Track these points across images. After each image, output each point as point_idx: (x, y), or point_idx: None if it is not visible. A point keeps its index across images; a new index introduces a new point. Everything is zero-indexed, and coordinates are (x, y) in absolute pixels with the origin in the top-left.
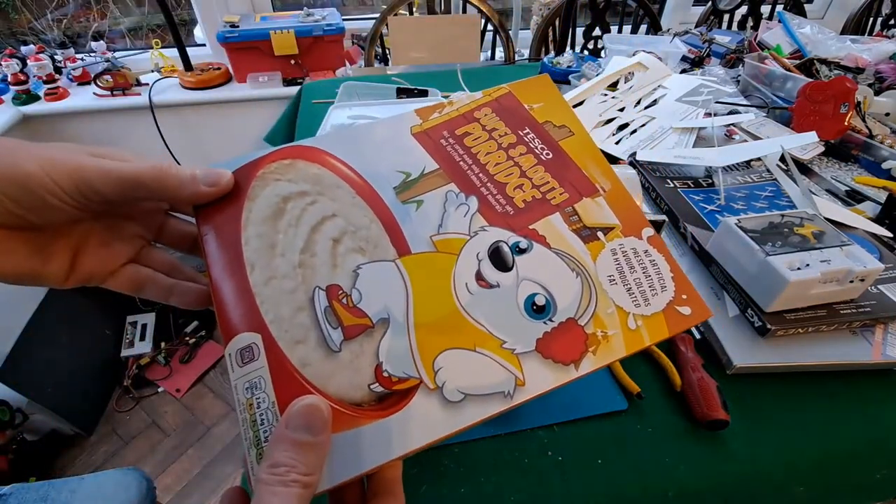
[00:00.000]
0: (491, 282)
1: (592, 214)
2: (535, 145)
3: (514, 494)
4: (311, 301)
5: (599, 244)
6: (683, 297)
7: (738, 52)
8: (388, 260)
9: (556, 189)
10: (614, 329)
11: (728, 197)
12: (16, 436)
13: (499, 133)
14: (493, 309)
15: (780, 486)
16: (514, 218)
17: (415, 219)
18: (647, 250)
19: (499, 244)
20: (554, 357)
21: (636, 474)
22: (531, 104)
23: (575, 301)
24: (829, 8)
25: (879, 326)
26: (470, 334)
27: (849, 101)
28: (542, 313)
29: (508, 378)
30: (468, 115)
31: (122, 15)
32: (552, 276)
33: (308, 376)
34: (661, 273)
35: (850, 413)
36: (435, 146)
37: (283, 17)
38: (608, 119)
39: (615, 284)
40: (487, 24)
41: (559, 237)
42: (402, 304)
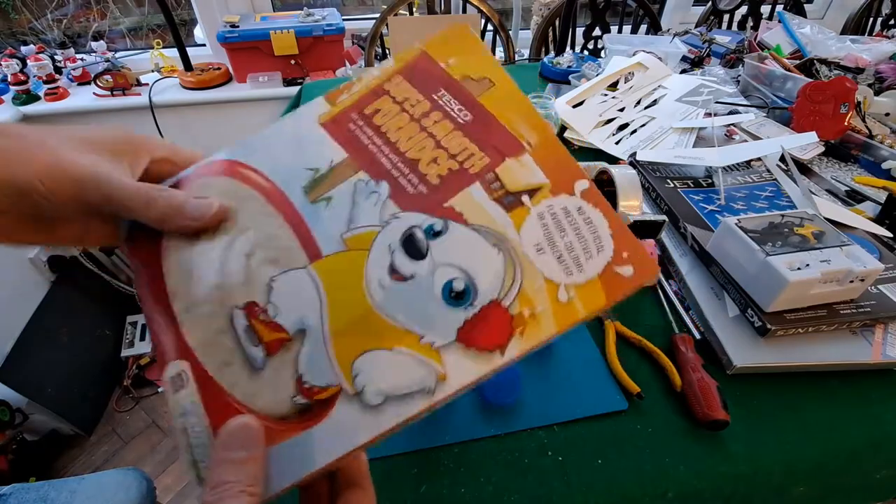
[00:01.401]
0: (405, 274)
1: (516, 176)
2: (451, 108)
3: (514, 494)
4: (231, 322)
5: (524, 210)
6: (624, 255)
7: (738, 52)
8: (300, 267)
9: (475, 155)
10: (542, 305)
11: (728, 197)
12: (16, 436)
13: (410, 102)
14: (408, 303)
15: (780, 486)
16: (427, 198)
17: (325, 218)
18: (581, 207)
19: (412, 231)
20: (477, 345)
21: (636, 474)
22: (447, 60)
23: (497, 280)
24: (829, 8)
25: (879, 326)
26: (386, 333)
27: (849, 101)
28: (461, 299)
29: (428, 374)
30: (377, 89)
31: (122, 15)
32: (471, 256)
33: (237, 397)
34: (596, 231)
35: (850, 413)
36: (343, 133)
37: (283, 17)
38: (608, 119)
39: (542, 253)
40: (487, 24)
41: (478, 210)
42: (317, 311)
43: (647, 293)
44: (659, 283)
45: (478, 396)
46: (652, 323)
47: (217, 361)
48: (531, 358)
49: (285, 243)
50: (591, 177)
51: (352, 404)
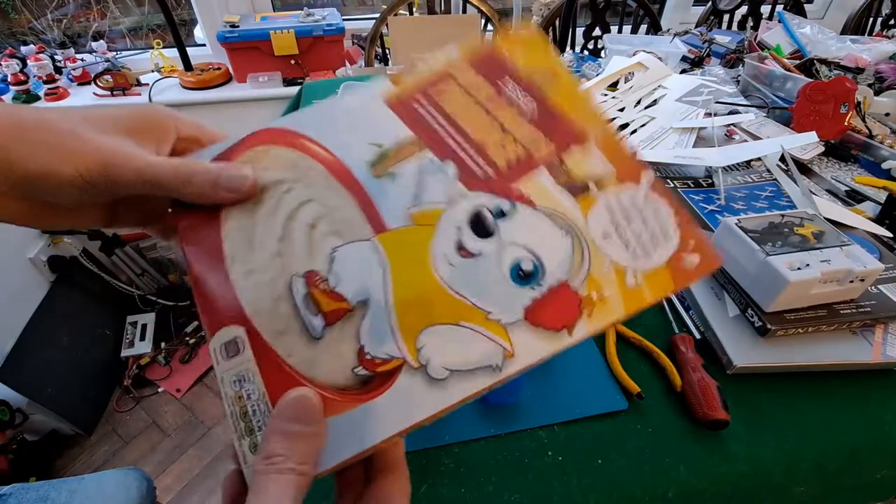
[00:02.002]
0: (473, 251)
1: (583, 164)
2: (515, 95)
3: (514, 494)
4: (290, 289)
5: (590, 197)
6: (690, 243)
7: (738, 52)
8: (364, 239)
9: (541, 141)
10: (610, 289)
11: (728, 197)
12: (16, 436)
13: (476, 87)
14: (476, 279)
15: (780, 486)
16: (495, 180)
17: (390, 193)
18: (648, 197)
19: (479, 210)
20: (545, 324)
21: (636, 474)
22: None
23: (565, 262)
24: (829, 8)
25: (879, 326)
26: (453, 308)
27: (849, 101)
28: (529, 279)
29: (496, 350)
30: (443, 73)
31: (122, 15)
32: (539, 237)
33: (293, 365)
34: (663, 221)
35: (850, 413)
36: (408, 112)
37: (283, 17)
38: (608, 119)
39: (610, 240)
40: (487, 24)
41: (546, 195)
42: (380, 283)
43: None
44: None
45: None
46: (652, 323)
47: (273, 329)
48: None
49: (349, 215)
50: None
51: (415, 377)
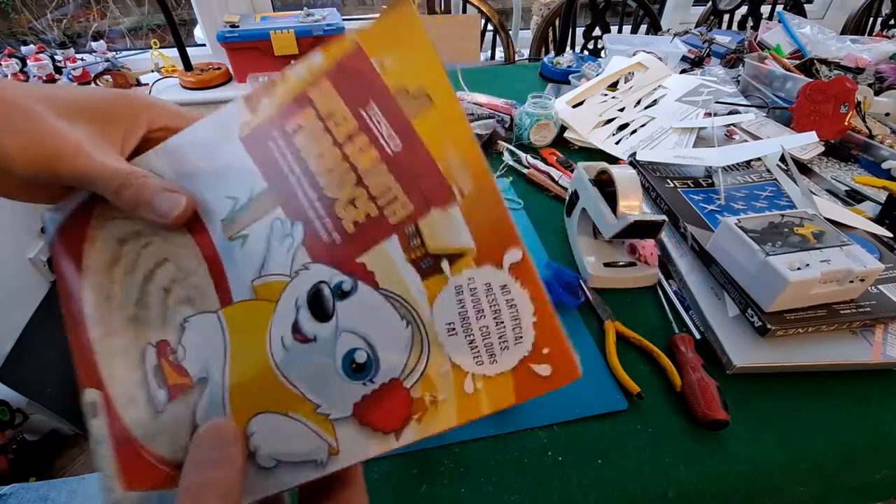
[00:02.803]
0: (308, 335)
1: (440, 233)
2: (380, 130)
3: (514, 494)
4: (143, 357)
5: (441, 279)
6: (544, 351)
7: (738, 52)
8: (211, 311)
9: (398, 200)
10: (445, 393)
11: (728, 197)
12: (16, 436)
13: (336, 119)
14: (308, 368)
15: (780, 486)
16: (340, 248)
17: (239, 259)
18: (506, 285)
19: (319, 287)
20: (373, 425)
21: (636, 474)
22: (383, 57)
23: (402, 358)
24: (829, 8)
25: (879, 326)
26: (282, 397)
27: (849, 101)
28: (362, 373)
29: (320, 446)
30: (301, 96)
31: (122, 15)
32: (378, 326)
33: (137, 435)
34: (518, 318)
35: (850, 413)
36: (263, 154)
37: (283, 17)
38: (608, 119)
39: (454, 335)
40: (487, 24)
41: (391, 272)
42: (220, 362)
43: (647, 293)
44: (659, 283)
45: None
46: (652, 323)
47: (124, 396)
48: None
49: (202, 282)
50: (591, 177)
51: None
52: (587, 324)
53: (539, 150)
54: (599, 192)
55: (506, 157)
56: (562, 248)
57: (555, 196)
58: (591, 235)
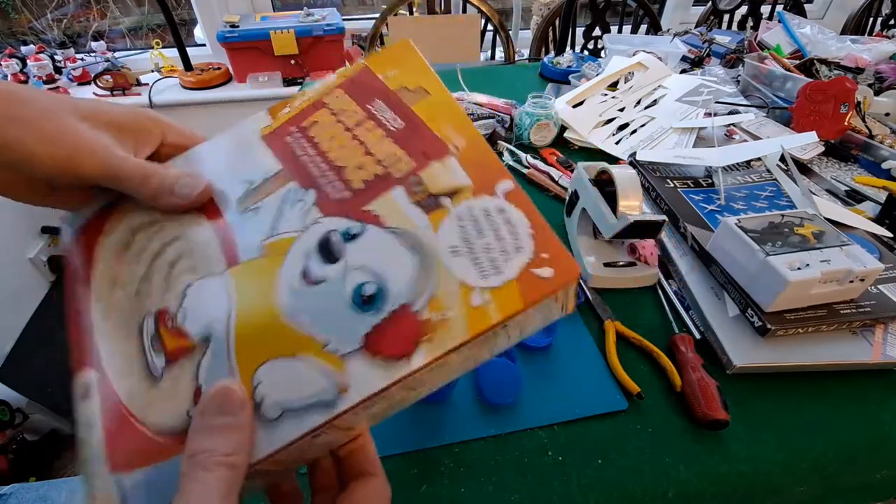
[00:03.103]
0: (317, 278)
1: (439, 179)
2: (384, 117)
3: (514, 494)
4: (140, 329)
5: (443, 212)
6: (544, 255)
7: (738, 52)
8: (216, 273)
9: (402, 160)
10: (454, 310)
11: (728, 197)
12: (16, 436)
13: (347, 114)
14: (317, 308)
15: (780, 486)
16: (349, 202)
17: (249, 226)
18: (502, 207)
19: (329, 234)
20: (383, 353)
21: (636, 474)
22: (386, 73)
23: (409, 284)
24: (829, 8)
25: (879, 326)
26: (290, 340)
27: (849, 101)
28: (371, 304)
29: (329, 385)
30: (317, 102)
31: (122, 15)
32: (385, 259)
33: (132, 408)
34: (516, 232)
35: (850, 413)
36: (281, 145)
37: (283, 17)
38: (608, 119)
39: (458, 256)
40: (487, 24)
41: (397, 213)
42: (224, 318)
43: (647, 293)
44: (659, 283)
45: (478, 396)
46: (652, 323)
47: (120, 369)
48: (531, 358)
49: (210, 251)
50: (591, 177)
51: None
52: (587, 324)
53: (539, 150)
54: (599, 192)
55: (506, 157)
56: None
57: (555, 196)
58: (591, 235)
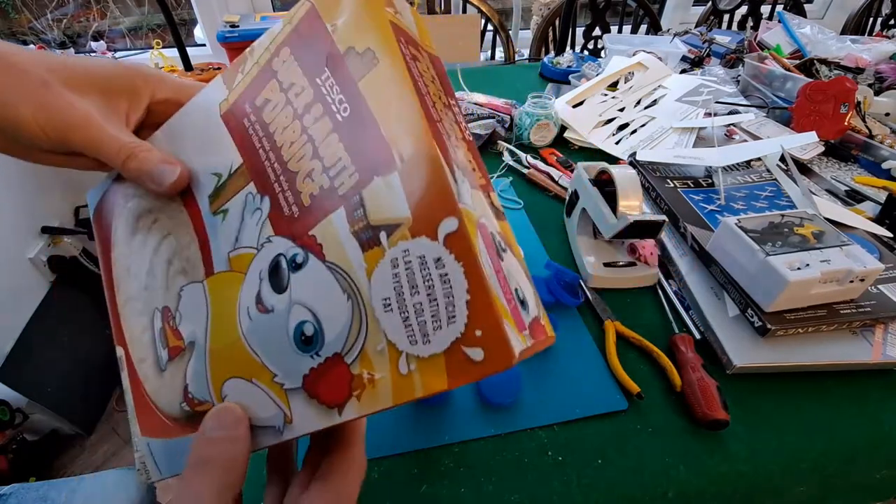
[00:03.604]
0: (267, 306)
1: (380, 204)
2: (332, 98)
3: (514, 494)
4: (152, 321)
5: (379, 251)
6: (477, 333)
7: (738, 52)
8: (198, 281)
9: (346, 170)
10: (382, 372)
11: (728, 197)
12: (16, 436)
13: (295, 90)
14: (267, 338)
15: (780, 486)
16: (297, 221)
17: (220, 233)
18: (440, 258)
19: (278, 259)
20: (318, 397)
21: (636, 474)
22: (335, 19)
23: (343, 332)
24: (829, 8)
25: (879, 326)
26: (248, 364)
27: (849, 101)
28: (310, 345)
29: (278, 413)
30: (267, 68)
31: (122, 15)
32: (323, 299)
33: (147, 390)
34: (451, 295)
35: (850, 413)
36: (239, 130)
37: (283, 17)
38: (608, 119)
39: (390, 312)
40: (487, 24)
41: (336, 245)
42: (203, 327)
43: (647, 293)
44: (659, 283)
45: (478, 396)
46: (652, 323)
47: (139, 355)
48: (531, 357)
49: (193, 255)
50: (591, 177)
51: None
52: (587, 324)
53: (539, 150)
54: (599, 192)
55: (506, 157)
56: (562, 248)
57: (555, 196)
58: (591, 235)
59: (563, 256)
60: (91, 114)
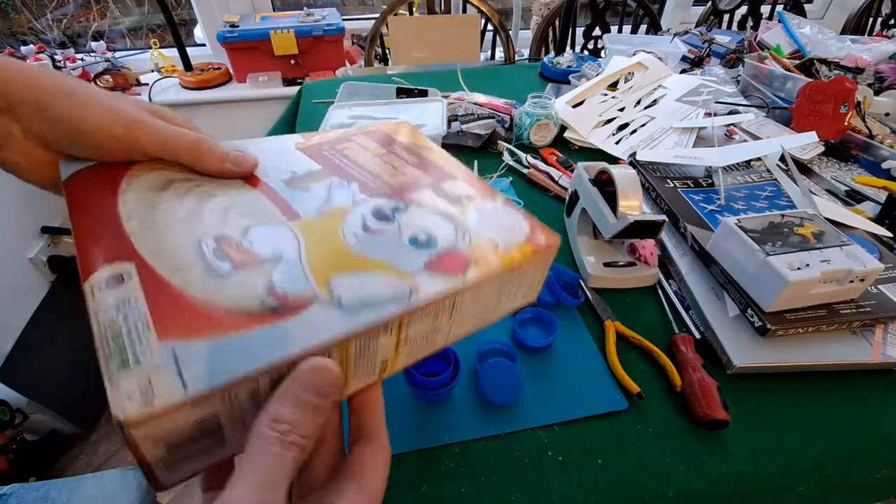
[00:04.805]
0: (376, 229)
1: (455, 189)
2: (401, 154)
3: (514, 494)
4: (199, 245)
5: (465, 206)
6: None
7: (738, 52)
8: (280, 223)
9: (425, 177)
10: (488, 251)
11: (728, 197)
12: (16, 436)
13: (370, 146)
14: (380, 245)
15: (780, 485)
16: (391, 191)
17: (303, 199)
18: (497, 207)
19: (380, 206)
20: (443, 269)
21: (636, 474)
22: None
23: (452, 237)
24: (828, 8)
25: (879, 326)
26: (360, 263)
27: (849, 101)
28: (426, 245)
29: (403, 286)
30: (344, 137)
31: (122, 15)
32: (430, 222)
33: (189, 293)
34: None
35: (850, 413)
36: (318, 155)
37: (283, 17)
38: (608, 119)
39: (483, 226)
40: (487, 24)
41: (432, 201)
42: (295, 248)
43: (647, 293)
44: (659, 283)
45: (478, 396)
46: (652, 323)
47: (170, 265)
48: (531, 358)
49: (265, 209)
50: (591, 177)
51: (328, 306)
52: (587, 324)
53: (539, 150)
54: (599, 192)
55: (506, 157)
56: (562, 248)
57: (555, 196)
58: (591, 235)
59: (563, 256)
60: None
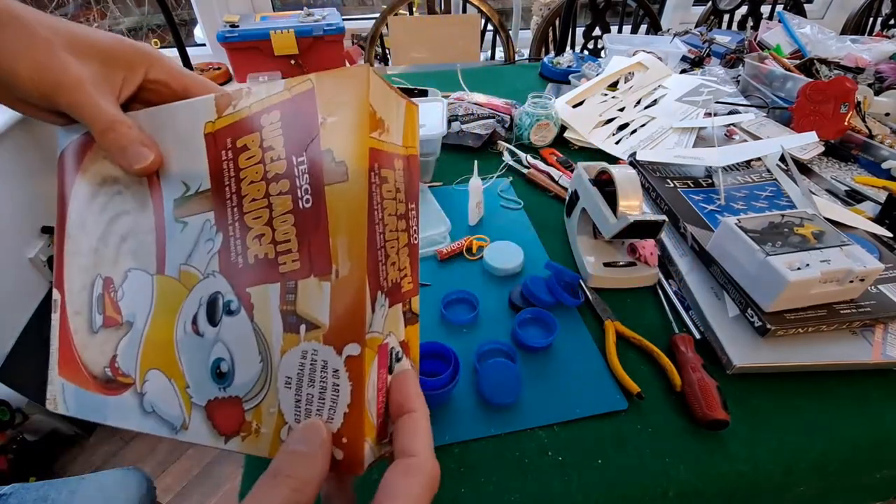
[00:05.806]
0: (199, 330)
1: (310, 301)
2: (300, 183)
3: (514, 494)
4: (92, 285)
5: (295, 338)
6: (343, 440)
7: (738, 52)
8: (149, 273)
9: (291, 254)
10: (267, 429)
11: (728, 197)
12: (16, 436)
13: (272, 156)
14: (191, 355)
15: (781, 486)
16: (239, 273)
17: (177, 240)
18: (338, 371)
19: (216, 296)
20: (213, 422)
21: (636, 474)
22: (328, 114)
23: (249, 384)
24: (829, 8)
25: (879, 326)
26: (172, 365)
27: (849, 101)
28: (221, 379)
29: (179, 417)
30: (255, 117)
31: (122, 15)
32: (242, 350)
33: (75, 342)
34: (336, 402)
35: (850, 413)
36: (216, 159)
37: (283, 17)
38: (608, 119)
39: (288, 388)
40: (487, 24)
41: (265, 313)
42: (145, 316)
43: (647, 293)
44: (659, 283)
45: (478, 396)
46: (652, 323)
47: (75, 307)
48: (531, 358)
49: (148, 245)
50: (591, 177)
51: (135, 399)
52: (587, 324)
53: (539, 150)
54: (599, 192)
55: (506, 157)
56: (562, 248)
57: (555, 196)
58: (591, 235)
59: (563, 256)
60: (83, 79)
